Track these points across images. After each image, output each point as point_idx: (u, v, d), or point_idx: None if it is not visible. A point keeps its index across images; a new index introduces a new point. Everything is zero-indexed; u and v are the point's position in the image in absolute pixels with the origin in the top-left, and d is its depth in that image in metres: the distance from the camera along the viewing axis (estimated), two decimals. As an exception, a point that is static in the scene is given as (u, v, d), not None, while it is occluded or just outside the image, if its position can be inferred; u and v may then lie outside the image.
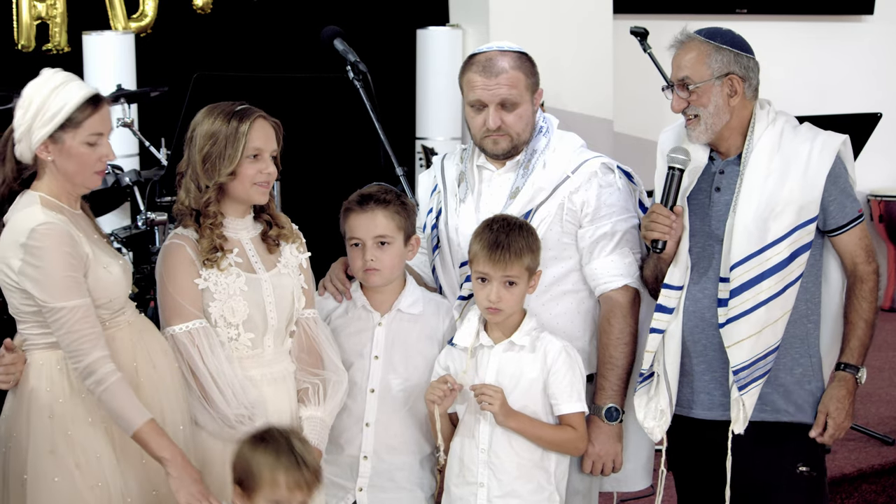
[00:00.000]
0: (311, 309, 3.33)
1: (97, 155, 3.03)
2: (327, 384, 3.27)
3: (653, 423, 3.38)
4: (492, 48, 3.45)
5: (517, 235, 3.25)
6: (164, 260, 3.19)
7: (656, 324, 3.34)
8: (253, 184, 3.17)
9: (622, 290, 3.41)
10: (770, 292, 3.26)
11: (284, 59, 6.02)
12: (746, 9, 7.21)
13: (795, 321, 3.31)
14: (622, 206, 3.44)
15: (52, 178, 3.03)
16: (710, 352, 3.34)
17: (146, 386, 3.04)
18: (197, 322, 3.12)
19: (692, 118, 3.33)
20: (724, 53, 3.30)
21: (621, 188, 3.46)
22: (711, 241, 3.34)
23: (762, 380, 3.28)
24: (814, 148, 3.30)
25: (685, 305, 3.34)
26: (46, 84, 3.01)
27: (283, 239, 3.29)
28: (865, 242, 3.35)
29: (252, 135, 3.14)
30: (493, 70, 3.39)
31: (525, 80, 3.42)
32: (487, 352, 3.31)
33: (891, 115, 5.83)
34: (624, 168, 3.51)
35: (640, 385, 3.40)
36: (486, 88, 3.38)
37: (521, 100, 3.41)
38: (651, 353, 3.36)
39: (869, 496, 4.96)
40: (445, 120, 6.41)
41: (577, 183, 3.42)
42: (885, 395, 5.87)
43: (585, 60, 6.60)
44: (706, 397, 3.37)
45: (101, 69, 5.46)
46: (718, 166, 3.37)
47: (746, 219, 3.27)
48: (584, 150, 3.52)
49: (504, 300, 3.24)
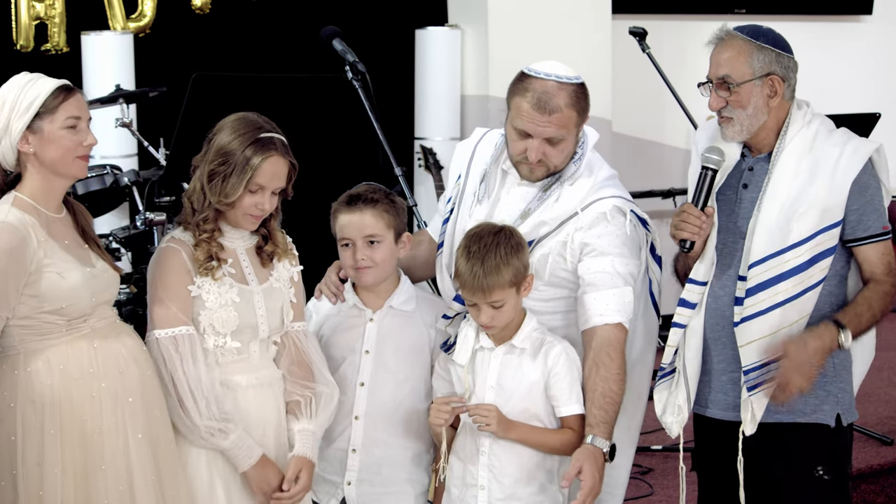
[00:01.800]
0: (301, 322, 3.33)
1: (78, 139, 3.02)
2: (319, 397, 3.28)
3: (671, 419, 3.36)
4: (550, 76, 3.28)
5: (493, 258, 3.18)
6: (158, 263, 3.18)
7: (678, 318, 3.31)
8: (245, 214, 3.16)
9: (617, 327, 3.29)
10: (787, 294, 3.20)
11: (283, 59, 6.02)
12: (745, 9, 7.21)
13: (817, 321, 3.23)
14: (626, 249, 3.33)
15: (35, 176, 3.03)
16: (729, 350, 3.30)
17: (106, 393, 3.02)
18: (183, 328, 3.11)
19: (726, 118, 3.27)
20: (766, 53, 3.24)
21: (629, 232, 3.33)
22: (736, 237, 3.30)
23: (774, 384, 3.21)
24: (844, 152, 3.24)
25: (707, 302, 3.31)
26: (17, 83, 3.04)
27: (277, 256, 3.28)
28: (887, 259, 3.24)
29: (261, 170, 3.12)
30: (547, 107, 3.24)
31: (577, 118, 3.29)
32: (488, 354, 3.30)
33: (889, 115, 5.84)
34: (639, 213, 3.38)
35: (660, 380, 3.38)
36: (536, 123, 3.25)
37: (568, 136, 3.29)
38: (672, 348, 3.34)
39: (868, 496, 4.96)
40: (444, 120, 6.41)
41: (584, 222, 3.32)
42: (885, 395, 5.87)
43: (584, 60, 6.57)
44: (722, 397, 3.34)
45: (100, 69, 5.46)
46: (748, 163, 3.32)
47: (770, 218, 3.23)
48: (605, 185, 3.38)
49: (496, 319, 3.23)
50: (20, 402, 2.98)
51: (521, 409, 3.26)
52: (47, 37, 5.66)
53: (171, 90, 5.19)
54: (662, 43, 6.60)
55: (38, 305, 2.97)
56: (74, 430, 2.99)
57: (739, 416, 3.29)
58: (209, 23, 6.06)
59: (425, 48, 6.41)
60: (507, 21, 6.42)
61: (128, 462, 3.02)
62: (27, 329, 2.99)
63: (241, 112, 3.21)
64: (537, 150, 3.27)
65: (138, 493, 3.02)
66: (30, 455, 2.97)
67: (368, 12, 6.35)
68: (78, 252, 3.06)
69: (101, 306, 3.08)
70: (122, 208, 5.33)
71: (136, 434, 3.03)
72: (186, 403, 3.09)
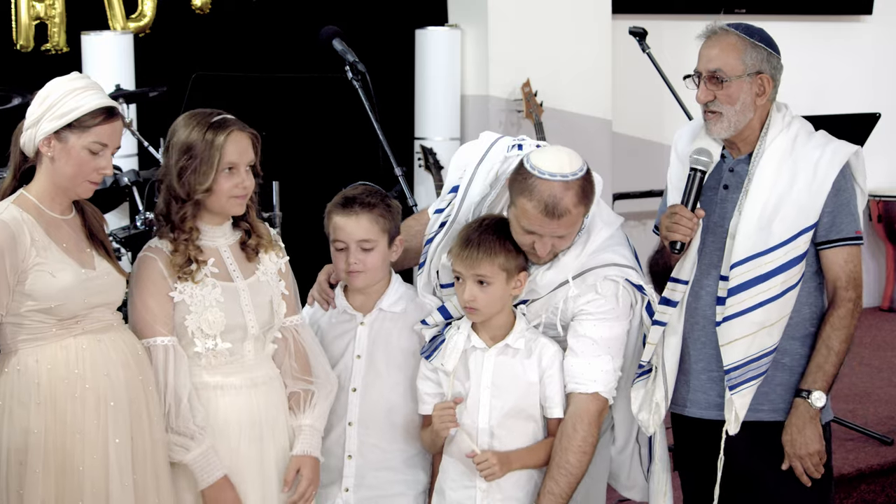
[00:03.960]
0: (296, 315, 3.32)
1: (95, 165, 3.02)
2: (319, 390, 3.27)
3: (647, 416, 3.37)
4: (555, 177, 3.15)
5: (491, 234, 3.20)
6: (136, 272, 3.17)
7: (659, 316, 3.32)
8: (230, 197, 3.14)
9: (592, 396, 3.24)
10: (768, 294, 3.24)
11: (283, 59, 6.02)
12: (745, 9, 7.22)
13: (798, 323, 3.29)
14: (613, 315, 3.27)
15: (44, 177, 3.03)
16: (709, 350, 3.33)
17: (90, 394, 3.01)
18: (160, 339, 3.11)
19: (713, 113, 3.28)
20: (758, 51, 3.26)
21: (619, 298, 3.27)
22: (717, 238, 3.32)
23: (755, 382, 3.26)
24: (824, 154, 3.26)
25: (688, 301, 3.33)
26: (68, 84, 3.03)
27: (262, 248, 3.26)
28: (850, 268, 3.26)
29: (227, 149, 3.10)
30: (555, 212, 3.14)
31: (584, 211, 3.21)
32: (481, 354, 3.29)
33: (889, 115, 5.84)
34: (634, 280, 3.29)
35: (637, 378, 3.39)
36: (544, 226, 3.16)
37: (575, 228, 3.23)
38: (652, 346, 3.35)
39: (868, 496, 4.96)
40: (444, 120, 6.41)
41: (574, 292, 3.25)
42: (884, 395, 5.87)
43: (584, 60, 6.60)
44: (702, 396, 3.37)
45: (100, 69, 5.45)
46: (729, 164, 3.35)
47: (751, 220, 3.25)
48: (601, 250, 3.29)
49: (478, 299, 3.21)
50: (7, 400, 2.99)
51: (517, 409, 3.26)
52: (47, 37, 5.66)
53: (171, 90, 5.18)
54: (662, 43, 6.60)
55: (27, 303, 2.97)
56: (57, 429, 2.99)
57: (719, 415, 3.32)
58: (209, 23, 6.05)
59: (425, 48, 6.41)
60: (507, 21, 6.42)
61: (106, 464, 3.01)
62: (18, 327, 3.00)
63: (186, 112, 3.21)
64: (545, 246, 3.21)
65: (113, 496, 3.01)
66: (14, 454, 2.97)
67: (368, 12, 6.34)
68: (77, 254, 3.06)
69: (99, 308, 3.08)
70: (122, 208, 5.33)
71: (115, 438, 3.02)
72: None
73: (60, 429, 2.99)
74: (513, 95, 6.41)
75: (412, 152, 6.42)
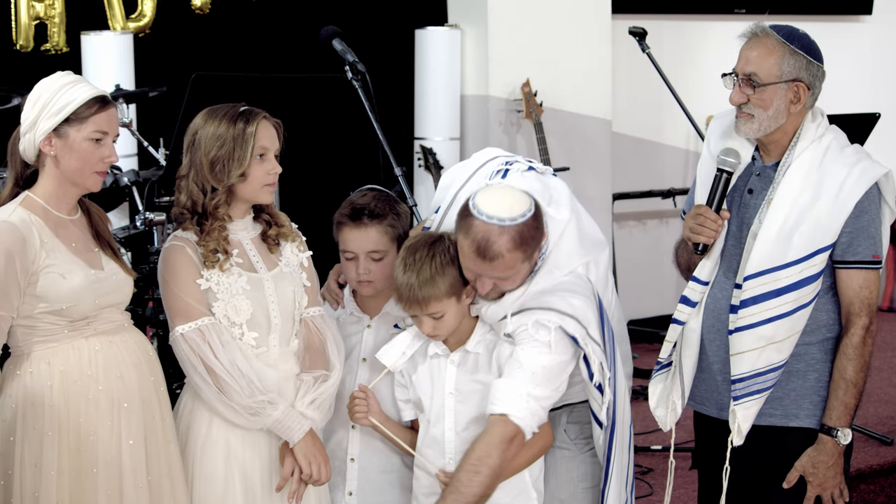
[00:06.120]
0: (317, 307, 3.34)
1: (100, 154, 3.03)
2: (326, 378, 3.27)
3: (664, 413, 3.36)
4: (492, 219, 3.03)
5: (427, 269, 3.12)
6: (165, 262, 3.19)
7: (678, 315, 3.31)
8: (263, 185, 3.18)
9: (500, 418, 3.07)
10: (779, 311, 3.18)
11: (283, 59, 6.03)
12: (745, 9, 7.21)
13: (814, 330, 3.24)
14: (548, 349, 3.10)
15: (49, 178, 3.04)
16: (724, 353, 3.29)
17: (103, 396, 3.02)
18: (206, 319, 3.12)
19: (746, 115, 3.23)
20: (797, 58, 3.21)
21: (551, 345, 3.10)
22: (737, 242, 3.28)
23: (759, 396, 3.23)
24: (851, 174, 3.18)
25: (706, 303, 3.31)
26: (57, 81, 3.04)
27: (283, 238, 3.30)
28: (865, 294, 3.19)
29: (259, 134, 3.15)
30: (487, 254, 3.04)
31: (522, 256, 3.06)
32: (443, 361, 3.26)
33: (889, 115, 5.84)
34: (569, 332, 3.10)
35: (656, 373, 3.38)
36: (478, 267, 3.08)
37: (517, 272, 3.10)
38: (670, 344, 3.33)
39: (867, 496, 4.97)
40: (444, 120, 6.41)
41: (511, 328, 3.14)
42: (884, 395, 5.88)
43: (584, 60, 6.60)
44: (718, 397, 3.34)
45: (100, 69, 5.46)
46: (757, 168, 3.29)
47: (771, 230, 3.20)
48: (546, 294, 3.14)
49: (438, 328, 3.19)
50: (21, 402, 2.99)
51: (481, 414, 3.20)
52: (47, 37, 5.66)
53: (170, 90, 5.18)
54: (662, 43, 6.61)
55: (38, 306, 2.98)
56: (71, 431, 3.00)
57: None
58: (209, 23, 6.06)
59: (425, 48, 6.41)
60: (507, 21, 6.43)
61: (119, 466, 3.03)
62: (30, 329, 3.00)
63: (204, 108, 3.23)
64: (485, 285, 3.13)
65: (127, 496, 3.02)
66: (28, 456, 2.98)
67: (368, 12, 6.35)
68: (86, 254, 3.07)
69: (109, 309, 3.09)
70: (122, 208, 5.33)
71: (128, 439, 3.04)
72: (228, 388, 3.10)
73: (74, 431, 2.99)
74: (513, 95, 6.41)
75: (412, 152, 6.43)
